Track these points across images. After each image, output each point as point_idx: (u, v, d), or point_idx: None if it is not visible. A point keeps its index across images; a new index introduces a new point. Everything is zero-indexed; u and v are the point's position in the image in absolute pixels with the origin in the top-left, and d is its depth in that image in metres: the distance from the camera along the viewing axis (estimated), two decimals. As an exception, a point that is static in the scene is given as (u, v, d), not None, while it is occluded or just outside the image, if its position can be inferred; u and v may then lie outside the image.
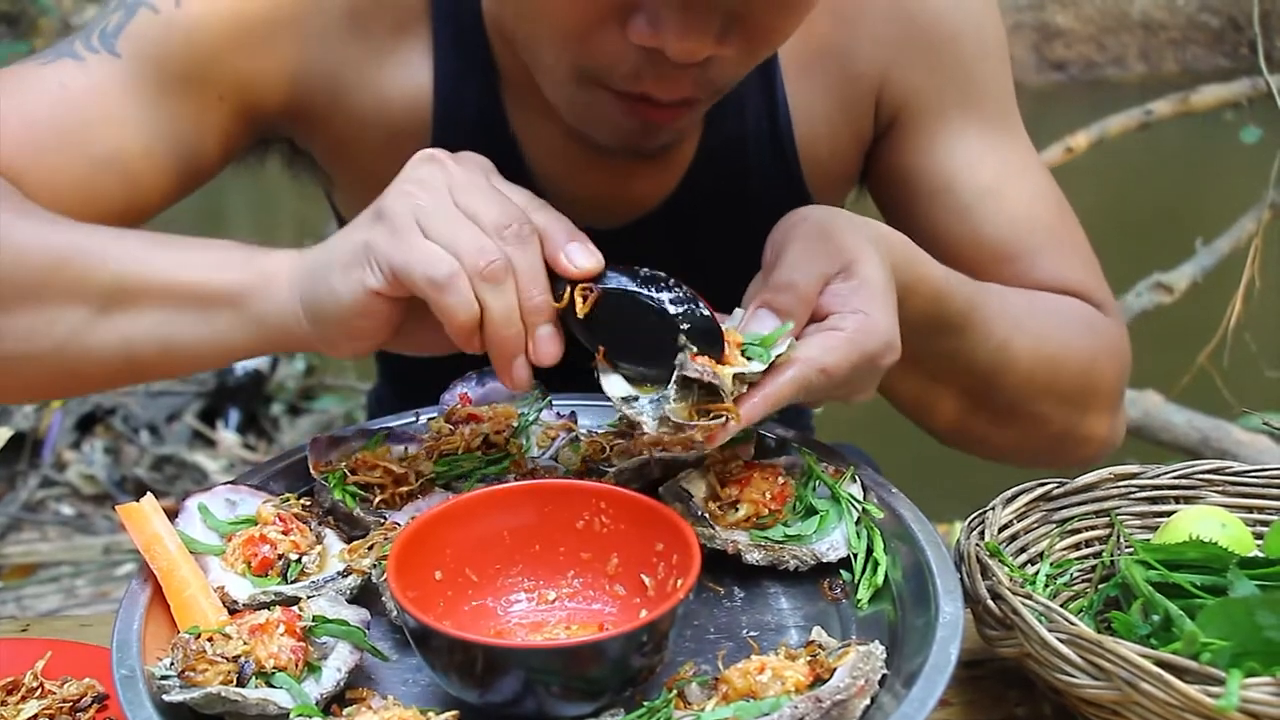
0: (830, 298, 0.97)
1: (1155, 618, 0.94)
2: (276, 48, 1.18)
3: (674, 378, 0.91)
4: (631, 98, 1.07)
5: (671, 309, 0.92)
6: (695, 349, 0.92)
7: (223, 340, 1.00)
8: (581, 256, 0.94)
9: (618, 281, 0.93)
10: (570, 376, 1.19)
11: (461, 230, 0.92)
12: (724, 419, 0.92)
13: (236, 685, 0.85)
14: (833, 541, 1.00)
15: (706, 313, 0.92)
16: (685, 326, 0.91)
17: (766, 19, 1.02)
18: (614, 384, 0.95)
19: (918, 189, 1.26)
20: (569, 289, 0.94)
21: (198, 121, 1.18)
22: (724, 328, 0.95)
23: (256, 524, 1.01)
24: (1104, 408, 1.26)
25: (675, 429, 0.92)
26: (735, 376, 0.92)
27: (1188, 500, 1.10)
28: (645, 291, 0.93)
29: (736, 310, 1.00)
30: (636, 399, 0.94)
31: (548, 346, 0.94)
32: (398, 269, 0.92)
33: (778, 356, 0.94)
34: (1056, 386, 1.20)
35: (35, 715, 0.95)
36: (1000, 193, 1.25)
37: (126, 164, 1.16)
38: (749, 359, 0.94)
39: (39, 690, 0.97)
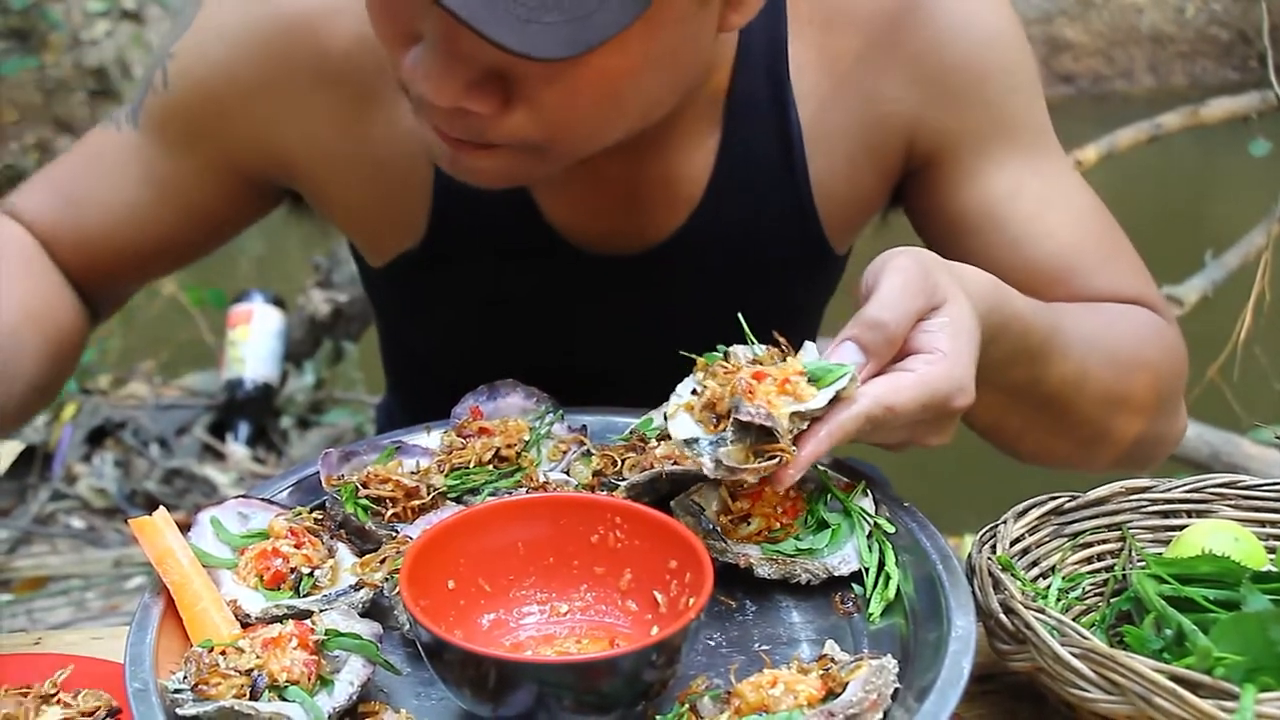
0: (917, 335, 0.97)
1: (1168, 632, 0.93)
2: (246, 115, 1.25)
3: (730, 419, 0.92)
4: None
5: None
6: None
7: None
8: None
9: None
10: (582, 390, 1.20)
11: None
12: (778, 459, 0.92)
13: (249, 699, 0.85)
14: (844, 555, 1.00)
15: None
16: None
17: (537, 88, 0.98)
18: (680, 425, 0.96)
19: (964, 225, 1.26)
20: None
21: (199, 184, 1.29)
22: (788, 359, 0.96)
23: (269, 537, 1.01)
24: (1170, 408, 1.27)
25: (729, 472, 0.92)
26: (793, 415, 0.92)
27: (1199, 514, 1.10)
28: None
29: (808, 344, 1.00)
30: (697, 441, 0.94)
31: None
32: None
33: (841, 391, 0.93)
34: (1130, 398, 1.20)
35: None
36: (1046, 217, 1.24)
37: (142, 221, 1.30)
38: (814, 385, 0.94)
39: (55, 697, 0.97)
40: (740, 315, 1.02)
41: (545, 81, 0.98)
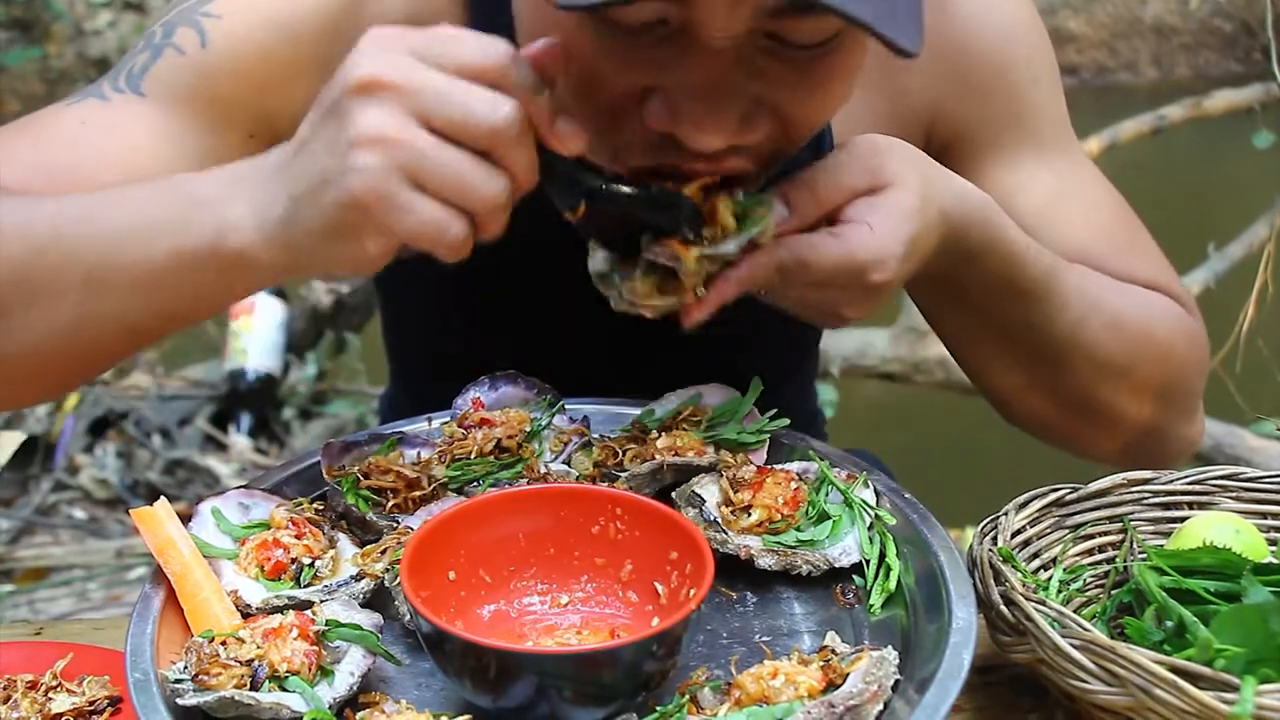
0: (853, 206, 0.97)
1: (1169, 624, 0.93)
2: (302, 85, 1.15)
3: (640, 259, 0.93)
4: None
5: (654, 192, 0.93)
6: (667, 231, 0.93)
7: (215, 293, 0.96)
8: (572, 139, 0.88)
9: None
10: (588, 380, 1.20)
11: (460, 170, 0.84)
12: (677, 300, 0.94)
13: (250, 689, 0.85)
14: (845, 547, 1.00)
15: (688, 199, 0.93)
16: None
17: (795, 105, 0.96)
18: (596, 259, 0.97)
19: None
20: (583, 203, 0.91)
21: (225, 158, 1.13)
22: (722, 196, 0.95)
23: (270, 528, 1.01)
24: (1182, 404, 1.25)
25: (630, 305, 0.94)
26: (704, 258, 0.93)
27: (1201, 506, 1.10)
28: (635, 191, 0.92)
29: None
30: (609, 275, 0.96)
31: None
32: (408, 238, 0.85)
33: (758, 237, 0.94)
34: (1133, 373, 1.19)
35: (63, 713, 0.95)
36: (1060, 210, 1.24)
37: None
38: (740, 224, 0.95)
39: (58, 688, 0.97)
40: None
41: (812, 92, 0.96)
